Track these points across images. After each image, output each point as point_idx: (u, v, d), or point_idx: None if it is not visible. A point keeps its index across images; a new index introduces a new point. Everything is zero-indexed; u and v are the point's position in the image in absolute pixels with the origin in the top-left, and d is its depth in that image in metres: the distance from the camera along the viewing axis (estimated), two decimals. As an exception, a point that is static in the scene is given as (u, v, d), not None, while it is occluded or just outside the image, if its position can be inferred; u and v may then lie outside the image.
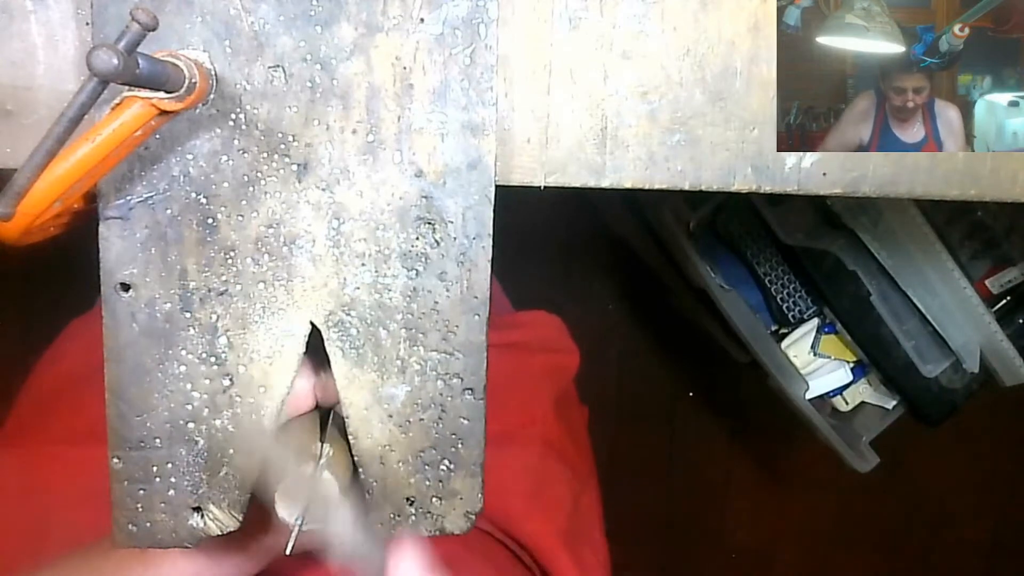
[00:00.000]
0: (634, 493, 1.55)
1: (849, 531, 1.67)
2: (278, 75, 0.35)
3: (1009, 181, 0.40)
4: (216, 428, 0.37)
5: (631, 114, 0.38)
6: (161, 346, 0.36)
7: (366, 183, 0.36)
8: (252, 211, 0.35)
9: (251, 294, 0.36)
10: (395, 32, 0.35)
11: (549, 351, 0.79)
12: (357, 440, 0.37)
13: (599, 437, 0.81)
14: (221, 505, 0.37)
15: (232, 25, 0.34)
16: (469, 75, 0.35)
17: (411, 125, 0.35)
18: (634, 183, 0.39)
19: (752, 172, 0.39)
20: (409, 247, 0.36)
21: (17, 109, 0.36)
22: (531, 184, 0.38)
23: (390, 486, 0.38)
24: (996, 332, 0.96)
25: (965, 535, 1.68)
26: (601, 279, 1.56)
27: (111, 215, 0.35)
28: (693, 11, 0.37)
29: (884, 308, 0.98)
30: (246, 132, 0.35)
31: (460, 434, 0.38)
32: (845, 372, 1.10)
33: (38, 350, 0.71)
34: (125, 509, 0.37)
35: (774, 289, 1.08)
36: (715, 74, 0.38)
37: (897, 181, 0.40)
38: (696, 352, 1.55)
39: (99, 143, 0.29)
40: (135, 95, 0.29)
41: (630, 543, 1.46)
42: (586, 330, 0.82)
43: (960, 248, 0.98)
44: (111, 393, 0.36)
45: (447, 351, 0.37)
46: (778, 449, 1.63)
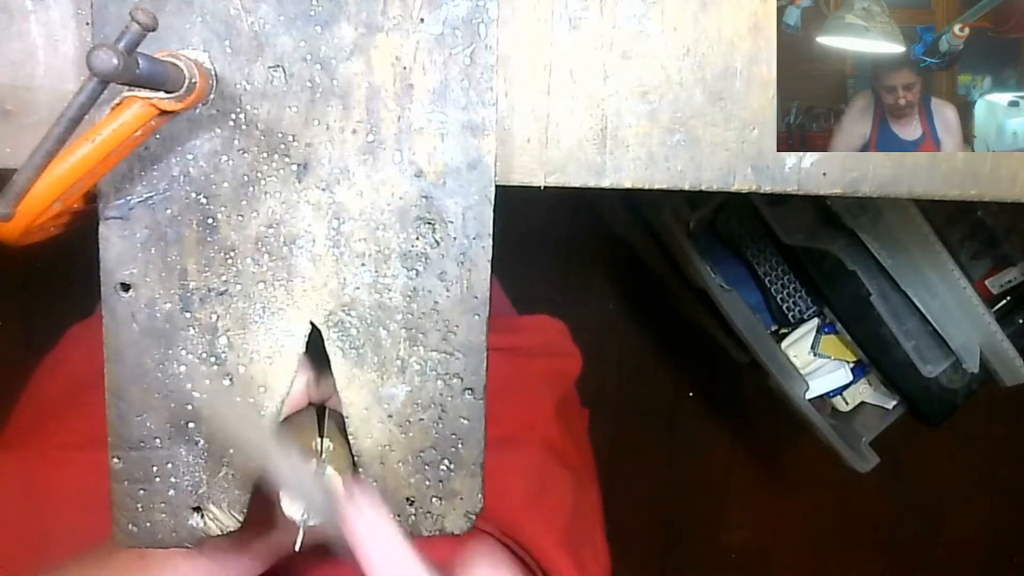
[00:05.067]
0: (634, 493, 1.55)
1: (849, 531, 1.67)
2: (278, 75, 0.35)
3: (1009, 181, 0.40)
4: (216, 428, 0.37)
5: (631, 114, 0.38)
6: (161, 346, 0.36)
7: (366, 183, 0.36)
8: (252, 211, 0.35)
9: (251, 294, 0.36)
10: (395, 32, 0.35)
11: (551, 355, 0.79)
12: (357, 440, 0.37)
13: (599, 437, 0.81)
14: (221, 505, 0.37)
15: (232, 25, 0.34)
16: (469, 75, 0.35)
17: (411, 125, 0.35)
18: (634, 183, 0.39)
19: (752, 172, 0.39)
20: (409, 247, 0.36)
21: (17, 109, 0.36)
22: (531, 184, 0.38)
23: (390, 486, 0.38)
24: (996, 332, 0.96)
25: (965, 535, 1.68)
26: (601, 279, 1.56)
27: (111, 215, 0.35)
28: (693, 11, 0.37)
29: (884, 308, 0.98)
30: (246, 132, 0.35)
31: (460, 434, 0.38)
32: (845, 372, 1.10)
33: (38, 351, 0.71)
34: (125, 509, 0.37)
35: (774, 289, 1.08)
36: (715, 74, 0.38)
37: (897, 181, 0.40)
38: (696, 352, 1.55)
39: (99, 143, 0.29)
40: (135, 95, 0.29)
41: (630, 543, 1.45)
42: (586, 330, 0.82)
43: (960, 248, 0.98)
44: (111, 393, 0.36)
45: (447, 351, 0.37)
46: (778, 449, 1.63)
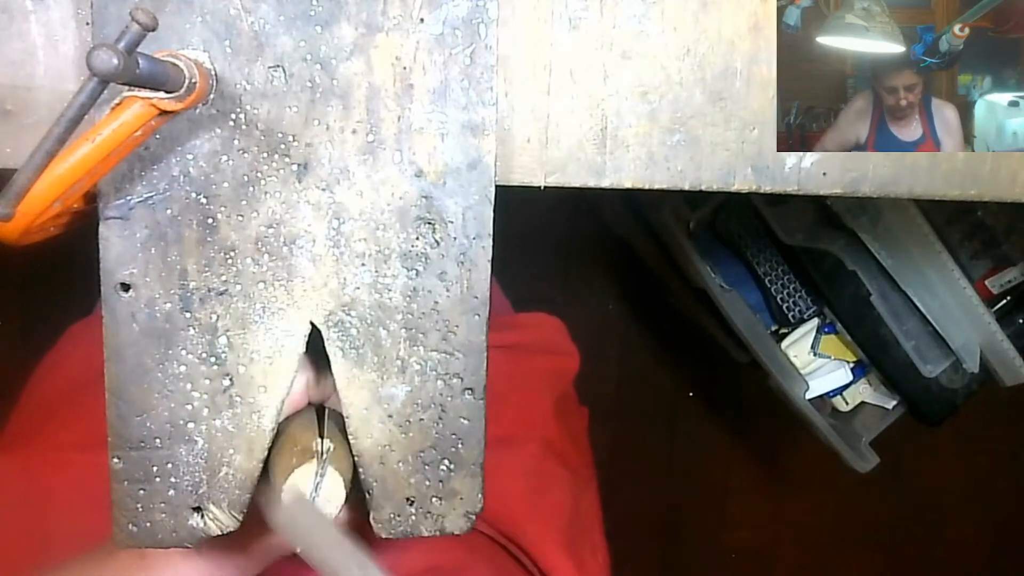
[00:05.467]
0: (634, 493, 1.55)
1: (849, 531, 1.67)
2: (278, 75, 0.35)
3: (1009, 181, 0.40)
4: (216, 428, 0.37)
5: (631, 114, 0.38)
6: (161, 346, 0.36)
7: (366, 183, 0.36)
8: (252, 211, 0.35)
9: (251, 294, 0.36)
10: (395, 32, 0.35)
11: (549, 353, 0.79)
12: (357, 440, 0.37)
13: (599, 437, 0.81)
14: (221, 505, 0.37)
15: (232, 25, 0.34)
16: (469, 75, 0.35)
17: (411, 125, 0.35)
18: (634, 183, 0.39)
19: (752, 172, 0.39)
20: (409, 247, 0.36)
21: (17, 109, 0.36)
22: (531, 184, 0.38)
23: (390, 486, 0.38)
24: (996, 332, 0.96)
25: (965, 535, 1.68)
26: (601, 279, 1.56)
27: (111, 215, 0.35)
28: (693, 11, 0.37)
29: (884, 308, 0.98)
30: (246, 132, 0.35)
31: (460, 434, 0.38)
32: (845, 372, 1.10)
33: (38, 351, 0.71)
34: (125, 509, 0.37)
35: (774, 289, 1.08)
36: (715, 74, 0.38)
37: (897, 181, 0.40)
38: (696, 352, 1.55)
39: (99, 143, 0.29)
40: (135, 95, 0.29)
41: (630, 543, 1.45)
42: (586, 330, 0.82)
43: (960, 248, 0.98)
44: (111, 393, 0.36)
45: (447, 351, 0.37)
46: (778, 449, 1.63)
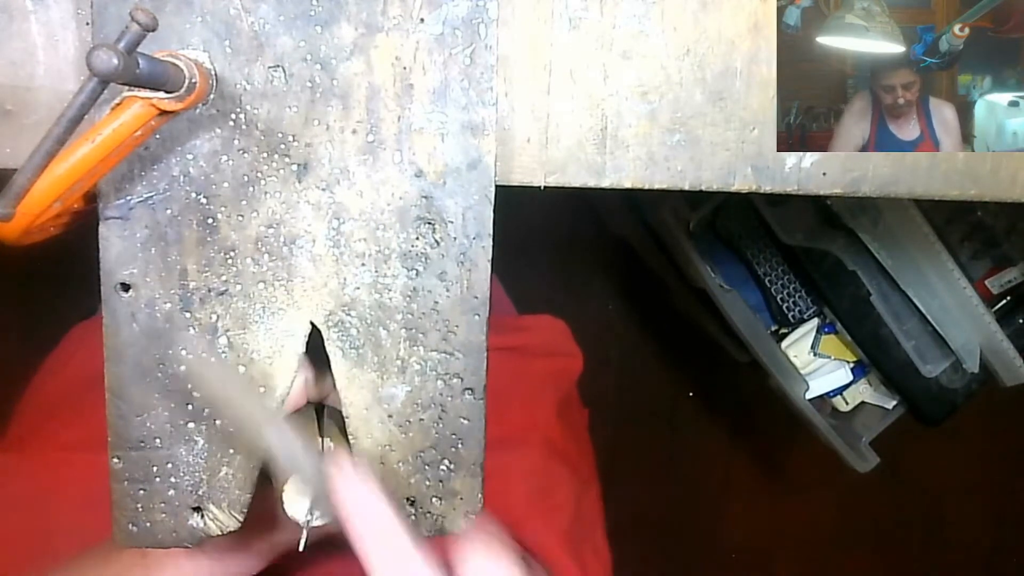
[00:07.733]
0: (634, 493, 1.55)
1: (849, 531, 1.67)
2: (278, 75, 0.35)
3: (1009, 181, 0.40)
4: (216, 428, 0.37)
5: (631, 114, 0.38)
6: (161, 346, 0.36)
7: (366, 183, 0.36)
8: (252, 211, 0.35)
9: (251, 294, 0.36)
10: (395, 32, 0.35)
11: (553, 355, 0.79)
12: (357, 440, 0.37)
13: (599, 437, 0.81)
14: (221, 505, 0.37)
15: (232, 25, 0.34)
16: (469, 75, 0.35)
17: (411, 125, 0.35)
18: (634, 183, 0.39)
19: (752, 172, 0.39)
20: (409, 247, 0.36)
21: (17, 109, 0.36)
22: (531, 184, 0.38)
23: (390, 486, 0.38)
24: (996, 332, 0.96)
25: (965, 535, 1.68)
26: (601, 279, 1.56)
27: (111, 215, 0.35)
28: (693, 11, 0.37)
29: (884, 308, 0.98)
30: (246, 132, 0.35)
31: (460, 434, 0.38)
32: (845, 372, 1.10)
33: (39, 352, 0.71)
34: (125, 509, 0.37)
35: (774, 289, 1.08)
36: (715, 74, 0.38)
37: (897, 181, 0.40)
38: (696, 352, 1.55)
39: (99, 143, 0.29)
40: (135, 95, 0.29)
41: (630, 543, 1.45)
42: (586, 330, 0.82)
43: (960, 248, 0.98)
44: (111, 393, 0.36)
45: (447, 351, 0.37)
46: (778, 449, 1.63)
